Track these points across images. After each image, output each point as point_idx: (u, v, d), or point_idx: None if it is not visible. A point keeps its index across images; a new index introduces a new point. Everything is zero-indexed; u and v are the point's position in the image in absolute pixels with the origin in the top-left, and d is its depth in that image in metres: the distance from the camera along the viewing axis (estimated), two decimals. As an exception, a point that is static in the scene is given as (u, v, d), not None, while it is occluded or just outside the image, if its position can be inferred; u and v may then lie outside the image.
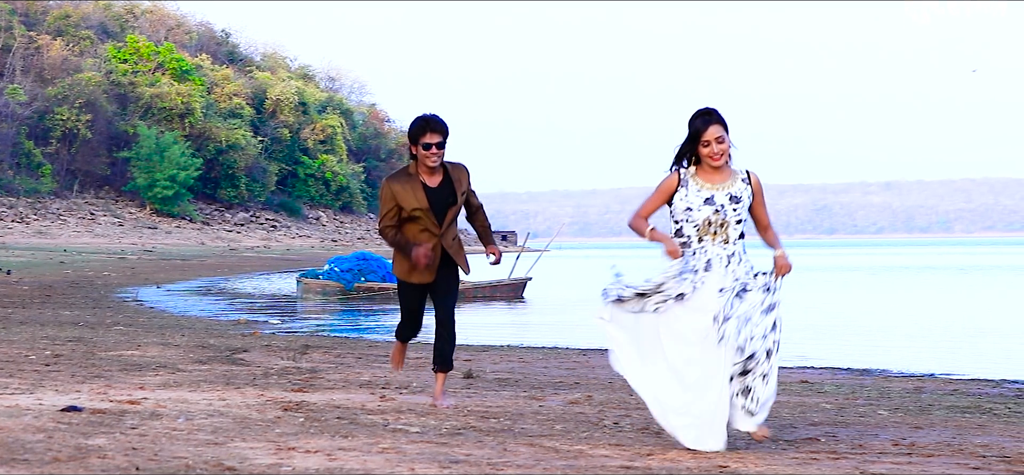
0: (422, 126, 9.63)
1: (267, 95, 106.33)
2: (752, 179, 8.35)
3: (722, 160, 8.20)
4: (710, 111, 8.31)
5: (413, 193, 9.67)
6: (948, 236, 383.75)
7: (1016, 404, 11.97)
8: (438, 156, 9.63)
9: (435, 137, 9.61)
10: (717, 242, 8.17)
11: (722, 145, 8.19)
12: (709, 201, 8.18)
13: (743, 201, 8.24)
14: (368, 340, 19.14)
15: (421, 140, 9.62)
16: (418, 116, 9.69)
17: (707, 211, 8.17)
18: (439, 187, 9.74)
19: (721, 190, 8.21)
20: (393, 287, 33.63)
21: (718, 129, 8.19)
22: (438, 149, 9.61)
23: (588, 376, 13.56)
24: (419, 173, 9.72)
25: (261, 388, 11.03)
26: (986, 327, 25.29)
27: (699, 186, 8.22)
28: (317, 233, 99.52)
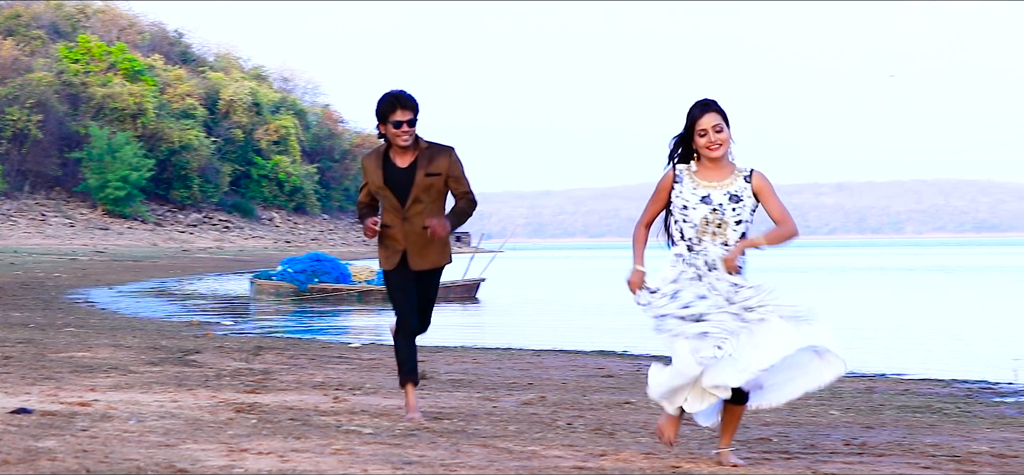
0: (391, 103, 9.12)
1: (220, 95, 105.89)
2: (754, 179, 7.74)
3: (720, 151, 7.66)
4: (708, 101, 7.82)
5: (376, 170, 9.26)
6: (899, 237, 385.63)
7: (966, 404, 12.06)
8: (409, 135, 9.12)
9: (405, 114, 9.10)
10: (717, 243, 7.63)
11: (720, 135, 7.67)
12: (706, 200, 7.67)
13: (745, 202, 7.68)
14: (321, 341, 19.11)
15: (390, 118, 9.11)
16: (386, 93, 9.20)
17: (704, 210, 7.66)
18: (407, 167, 9.21)
19: (719, 188, 7.69)
20: (347, 288, 33.61)
21: (715, 118, 7.69)
22: (409, 127, 9.11)
23: (542, 377, 13.57)
24: (390, 153, 9.26)
25: (213, 389, 10.99)
26: (936, 327, 25.45)
27: (695, 183, 7.71)
28: (270, 234, 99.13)
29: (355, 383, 12.02)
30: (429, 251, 9.30)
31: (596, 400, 11.12)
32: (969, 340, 22.26)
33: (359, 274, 34.87)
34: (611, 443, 8.38)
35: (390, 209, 9.23)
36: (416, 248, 9.26)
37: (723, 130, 7.69)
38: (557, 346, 18.76)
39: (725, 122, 7.73)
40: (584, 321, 27.45)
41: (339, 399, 10.59)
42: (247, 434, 8.22)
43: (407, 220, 9.20)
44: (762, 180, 7.75)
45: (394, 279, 9.40)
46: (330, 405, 10.12)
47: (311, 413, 9.51)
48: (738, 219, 7.67)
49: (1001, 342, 21.15)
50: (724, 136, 7.68)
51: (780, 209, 7.75)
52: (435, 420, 9.31)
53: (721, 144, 7.66)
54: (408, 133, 9.11)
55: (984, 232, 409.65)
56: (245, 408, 9.59)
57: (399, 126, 9.08)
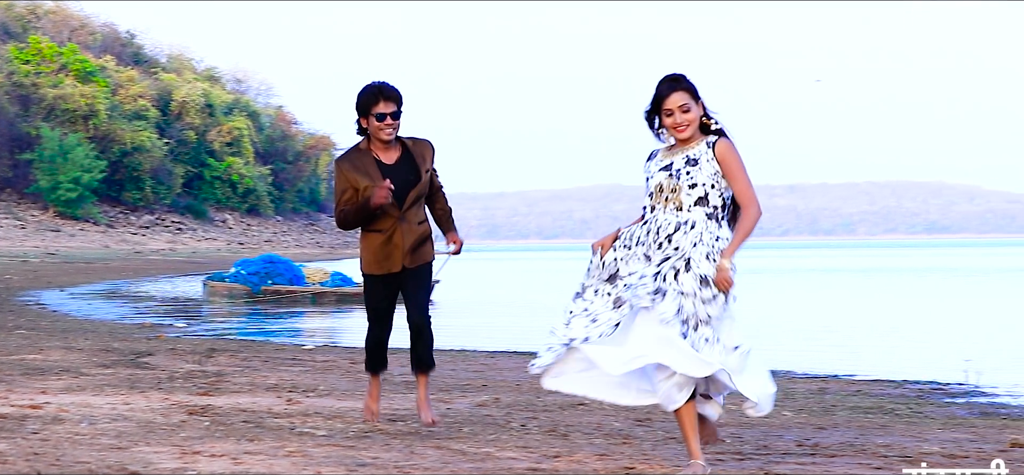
0: (374, 95, 8.61)
1: (173, 97, 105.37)
2: (718, 147, 7.20)
3: (688, 132, 7.19)
4: (677, 77, 7.28)
5: (366, 171, 8.65)
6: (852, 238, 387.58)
7: (917, 405, 12.14)
8: (393, 128, 8.64)
9: (389, 106, 8.60)
10: (669, 209, 7.17)
11: (687, 115, 7.18)
12: (666, 168, 7.23)
13: (702, 166, 7.14)
14: (275, 343, 19.05)
15: (373, 110, 8.61)
16: (367, 84, 8.70)
17: (661, 176, 7.22)
18: (397, 164, 8.72)
19: (680, 155, 7.22)
20: (301, 290, 33.53)
21: (683, 97, 7.18)
22: (393, 119, 8.62)
23: (495, 378, 13.58)
24: (372, 149, 8.72)
25: (166, 392, 10.94)
26: (888, 328, 25.59)
27: (663, 159, 7.29)
28: (223, 236, 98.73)
29: (309, 385, 11.99)
30: (424, 248, 8.84)
31: (550, 401, 11.13)
32: (920, 341, 22.39)
33: (313, 276, 34.78)
34: (565, 444, 8.39)
35: (384, 210, 8.65)
36: (413, 245, 8.80)
37: (690, 109, 7.19)
38: (511, 347, 18.77)
39: (694, 98, 7.23)
40: (538, 322, 27.45)
41: (293, 401, 10.56)
42: (200, 436, 8.19)
43: (405, 220, 8.72)
44: (727, 149, 7.21)
45: (376, 285, 8.86)
46: (283, 407, 10.09)
47: (264, 415, 9.49)
48: (692, 182, 7.14)
49: (952, 343, 21.28)
50: (691, 116, 7.20)
51: (744, 188, 7.19)
52: (390, 422, 9.30)
53: (688, 124, 7.20)
54: (392, 127, 8.64)
55: (936, 233, 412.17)
56: (198, 410, 9.56)
57: (382, 119, 8.61)
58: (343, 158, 8.79)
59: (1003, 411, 11.96)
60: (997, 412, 11.85)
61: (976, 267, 73.23)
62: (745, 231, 7.15)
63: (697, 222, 7.12)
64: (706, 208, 7.14)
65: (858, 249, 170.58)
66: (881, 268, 71.93)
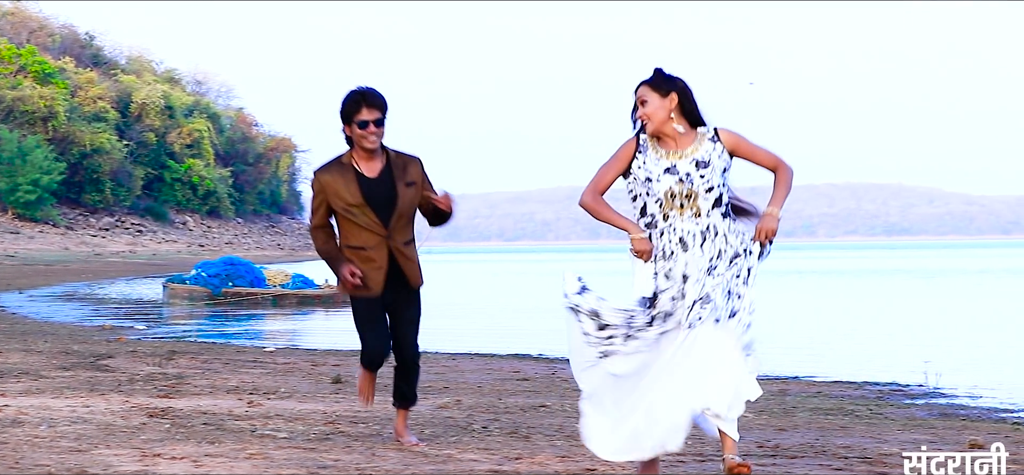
0: (356, 101, 8.04)
1: (132, 98, 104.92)
2: (723, 137, 7.01)
3: (651, 127, 6.91)
4: (653, 71, 7.06)
5: (345, 185, 8.05)
6: (812, 240, 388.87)
7: (878, 406, 12.20)
8: (377, 136, 8.03)
9: (373, 113, 8.01)
10: (686, 217, 6.88)
11: (644, 109, 6.93)
12: (671, 170, 6.89)
13: (713, 165, 6.91)
14: (236, 345, 19.00)
15: (356, 118, 8.01)
16: (351, 90, 8.11)
17: (669, 181, 6.88)
18: (379, 177, 8.10)
19: (684, 157, 6.91)
20: (262, 292, 33.45)
21: (644, 91, 6.95)
22: (377, 127, 8.01)
23: (457, 380, 13.57)
24: (354, 160, 8.10)
25: (126, 394, 10.90)
26: (849, 330, 25.70)
27: (659, 154, 6.94)
28: (184, 238, 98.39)
29: (270, 387, 11.96)
30: (413, 269, 8.29)
31: (511, 403, 11.14)
32: (880, 343, 22.49)
33: (274, 278, 34.72)
34: (526, 446, 8.40)
35: (367, 228, 8.08)
36: (398, 269, 8.21)
37: (647, 101, 6.92)
38: (472, 349, 18.76)
39: (659, 92, 6.94)
40: (499, 324, 27.48)
41: (253, 403, 10.54)
42: (160, 439, 8.16)
43: (390, 238, 8.11)
44: (732, 136, 7.05)
45: (363, 305, 8.20)
46: (244, 409, 10.06)
47: (225, 418, 9.46)
48: (709, 186, 6.90)
49: (912, 344, 21.39)
50: (647, 110, 6.92)
51: (768, 155, 7.09)
52: (351, 424, 9.28)
53: (648, 119, 6.93)
54: (376, 134, 8.02)
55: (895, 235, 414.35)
56: (158, 413, 9.52)
57: (365, 126, 7.99)
58: (322, 169, 8.17)
59: (962, 412, 12.03)
60: (956, 413, 11.92)
61: (935, 269, 73.63)
62: (787, 183, 7.11)
63: (717, 226, 6.92)
64: (721, 208, 6.96)
65: (818, 251, 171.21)
66: (841, 270, 72.25)
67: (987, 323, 28.06)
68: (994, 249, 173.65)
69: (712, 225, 6.90)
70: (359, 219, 8.07)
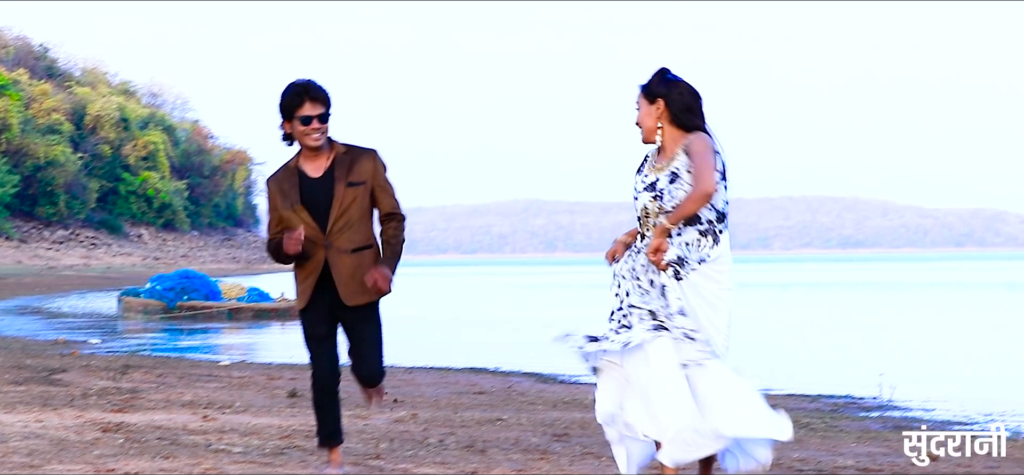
0: (298, 94, 7.33)
1: (87, 111, 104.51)
2: (689, 142, 6.54)
3: (644, 136, 6.63)
4: (651, 76, 6.69)
5: (289, 188, 7.39)
6: (768, 253, 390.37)
7: (832, 418, 12.24)
8: (321, 133, 7.33)
9: (316, 108, 7.32)
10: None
11: (636, 118, 6.68)
12: (650, 187, 6.57)
13: (683, 179, 6.52)
14: (191, 359, 18.92)
15: (297, 113, 7.32)
16: (292, 82, 7.44)
17: (645, 199, 6.57)
18: (322, 177, 7.39)
19: (664, 171, 6.56)
20: (217, 305, 33.32)
21: (638, 98, 6.68)
22: (321, 122, 7.31)
23: (413, 394, 13.55)
24: (300, 159, 7.43)
25: (80, 409, 10.83)
26: (803, 343, 25.80)
27: (650, 167, 6.63)
28: (139, 251, 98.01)
29: (225, 401, 11.91)
30: (347, 282, 7.40)
31: (468, 417, 11.13)
32: (835, 355, 22.59)
33: (229, 291, 34.62)
34: (482, 460, 8.39)
35: (309, 236, 7.35)
36: (346, 277, 7.38)
37: (638, 110, 6.66)
38: (429, 363, 18.74)
39: (649, 99, 6.62)
40: (456, 337, 27.46)
41: (208, 418, 10.49)
42: (114, 454, 8.12)
43: (331, 246, 7.34)
44: (696, 141, 6.54)
45: (309, 320, 7.47)
46: (199, 424, 10.02)
47: (180, 432, 9.41)
48: (675, 203, 6.52)
49: (866, 357, 21.48)
50: (639, 117, 6.65)
51: (698, 169, 6.49)
52: (306, 439, 9.25)
53: (640, 126, 6.66)
54: (319, 131, 7.32)
55: (850, 248, 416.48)
56: (112, 428, 9.47)
57: (308, 122, 7.30)
58: (271, 177, 7.50)
59: (916, 425, 12.08)
60: (911, 425, 11.96)
61: (889, 281, 74.01)
62: (685, 205, 6.44)
63: (689, 244, 6.54)
64: (699, 225, 6.55)
65: (773, 264, 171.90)
66: (796, 283, 72.51)
67: (941, 336, 28.22)
68: (947, 261, 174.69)
69: (684, 244, 6.53)
70: (298, 223, 7.35)
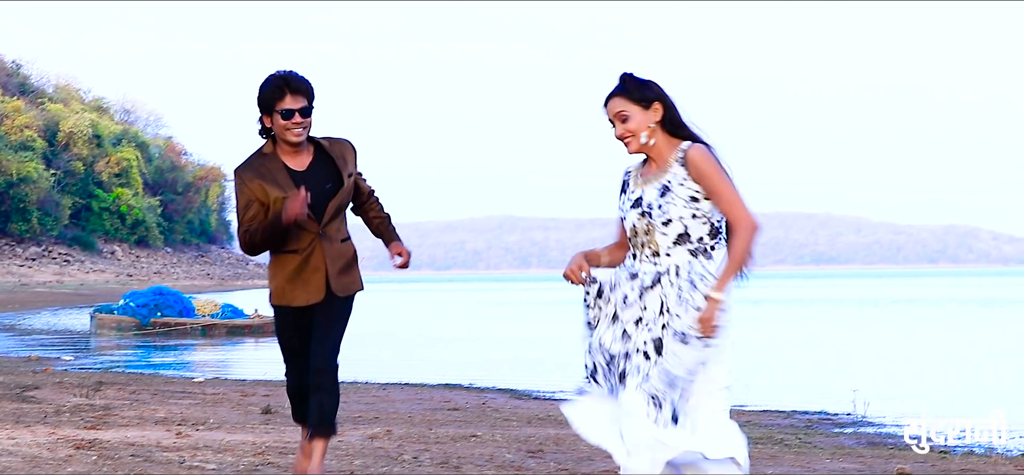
0: (278, 87, 7.00)
1: (60, 127, 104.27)
2: (690, 156, 5.78)
3: (633, 146, 5.84)
4: (622, 78, 5.92)
5: (275, 178, 7.04)
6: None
7: (806, 435, 12.26)
8: (303, 127, 7.02)
9: (298, 101, 6.99)
10: (644, 256, 5.83)
11: (626, 125, 5.83)
12: (636, 203, 5.83)
13: (675, 192, 5.76)
14: (164, 376, 18.87)
15: (278, 106, 6.98)
16: (272, 74, 7.09)
17: (632, 217, 5.83)
18: (310, 169, 7.11)
19: (652, 184, 5.83)
20: (191, 322, 33.24)
21: (619, 103, 5.85)
22: (302, 117, 6.98)
23: (388, 410, 13.54)
24: (278, 153, 7.11)
25: (52, 426, 10.79)
26: (777, 359, 25.84)
27: (636, 184, 5.91)
28: (112, 267, 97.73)
29: (198, 418, 11.88)
30: (352, 271, 7.25)
31: (442, 433, 11.11)
32: (809, 371, 22.64)
33: (203, 308, 34.57)
34: (457, 476, 8.38)
35: (299, 226, 7.03)
36: (338, 270, 7.17)
37: (630, 118, 5.83)
38: (403, 379, 18.72)
39: (640, 104, 5.85)
40: (430, 354, 27.43)
41: (182, 435, 10.46)
42: (87, 472, 8.09)
43: (325, 237, 7.08)
44: (700, 157, 5.78)
45: (289, 319, 7.21)
46: (173, 441, 9.99)
47: (153, 449, 9.39)
48: (666, 218, 5.75)
49: (840, 373, 21.53)
50: (632, 126, 5.83)
51: (730, 203, 5.76)
52: (280, 455, 9.23)
53: (631, 136, 5.85)
54: (302, 125, 7.00)
55: (823, 264, 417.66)
56: (85, 445, 9.44)
57: (290, 116, 6.97)
58: (244, 166, 7.09)
59: (890, 441, 12.11)
60: (884, 442, 11.99)
61: (863, 297, 74.22)
62: (738, 256, 5.76)
63: (680, 267, 5.76)
64: (689, 244, 5.78)
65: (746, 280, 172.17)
66: (769, 299, 72.62)
67: (915, 352, 28.29)
68: (921, 278, 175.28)
69: (674, 267, 5.76)
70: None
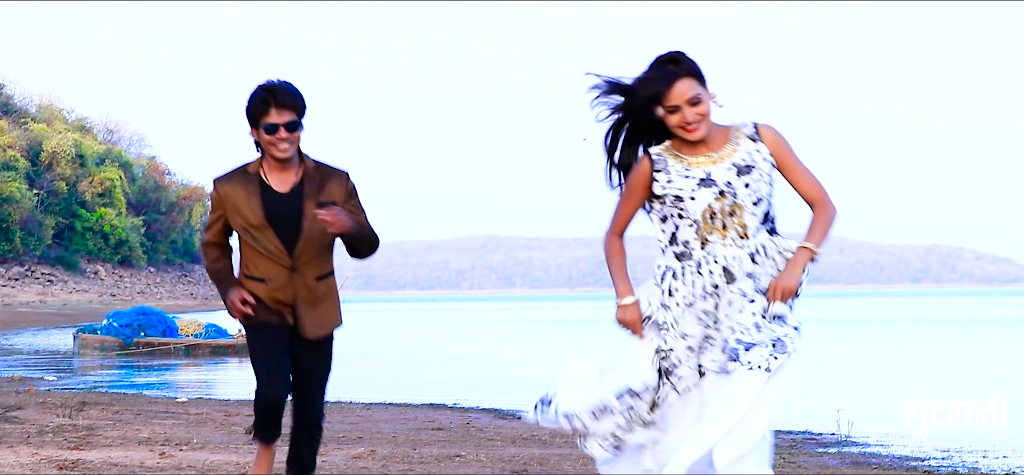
0: (263, 99, 6.57)
1: (43, 147, 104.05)
2: (765, 134, 5.61)
3: (701, 132, 5.54)
4: (675, 58, 5.56)
5: (247, 199, 6.61)
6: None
7: (790, 454, 12.27)
8: (290, 143, 6.59)
9: (284, 115, 6.55)
10: (729, 239, 5.56)
11: (697, 108, 5.52)
12: (706, 182, 5.53)
13: (759, 169, 5.55)
14: (148, 396, 18.83)
15: (263, 120, 6.56)
16: (259, 86, 6.64)
17: (707, 196, 5.52)
18: (290, 193, 6.65)
19: (720, 163, 5.55)
20: (174, 342, 33.18)
21: (689, 85, 5.51)
22: (289, 131, 6.56)
23: (372, 430, 13.51)
24: (263, 171, 6.68)
25: (35, 446, 10.76)
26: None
27: (686, 164, 5.57)
28: (95, 287, 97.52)
29: (182, 438, 11.85)
30: (326, 309, 6.86)
31: (426, 453, 11.10)
32: (793, 391, 22.62)
33: (186, 328, 34.51)
34: (442, 496, 8.37)
35: (268, 255, 6.65)
36: (310, 308, 6.77)
37: (701, 100, 5.54)
38: (387, 399, 18.70)
39: (702, 85, 5.58)
40: (414, 374, 27.42)
41: (165, 455, 10.44)
42: (70, 492, 8.06)
43: (296, 270, 6.66)
44: (774, 135, 5.63)
45: (261, 333, 6.81)
46: (156, 461, 9.97)
47: (137, 469, 9.37)
48: (755, 197, 5.55)
49: (824, 393, 21.54)
50: (703, 109, 5.55)
51: (811, 181, 5.68)
52: (264, 475, 9.21)
53: (701, 120, 5.55)
54: (288, 141, 6.57)
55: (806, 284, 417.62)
56: (68, 465, 9.41)
57: (274, 131, 6.54)
58: (222, 178, 6.74)
59: (874, 461, 12.13)
60: (868, 462, 12.01)
61: (846, 317, 74.30)
62: (826, 226, 5.74)
63: (766, 246, 5.65)
64: (768, 224, 5.69)
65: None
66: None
67: (898, 371, 28.33)
68: (904, 297, 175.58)
69: (761, 247, 5.62)
70: (260, 243, 6.65)
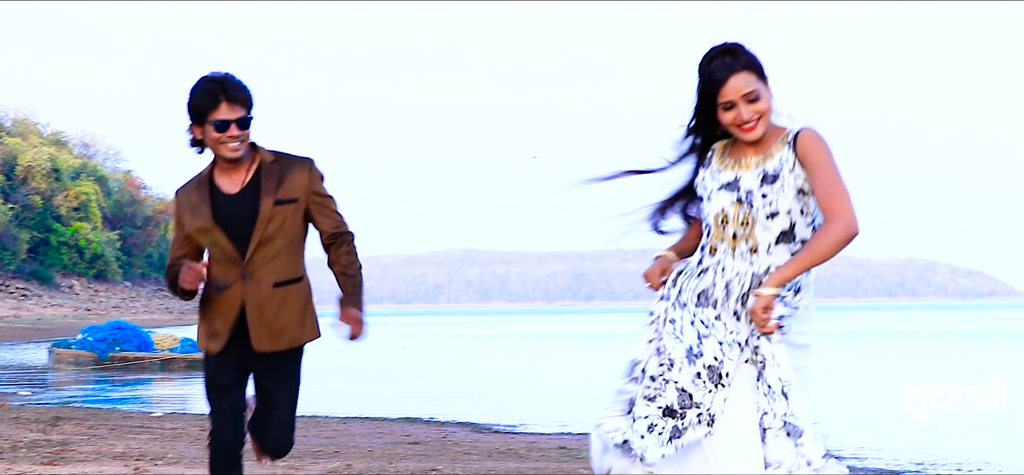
0: (212, 93, 5.88)
1: (18, 161, 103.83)
2: (799, 139, 4.93)
3: (757, 132, 4.98)
4: (732, 49, 5.01)
5: (198, 203, 5.98)
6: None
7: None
8: (239, 142, 5.90)
9: (235, 110, 5.87)
10: (738, 253, 5.00)
11: (755, 105, 4.96)
12: (730, 186, 5.02)
13: (784, 182, 4.93)
14: (122, 411, 18.78)
15: (211, 116, 5.87)
16: (203, 78, 5.96)
17: (723, 200, 5.02)
18: (243, 192, 5.96)
19: (752, 169, 4.99)
20: (149, 356, 33.09)
21: (746, 80, 4.96)
22: (240, 128, 5.88)
23: (347, 444, 13.51)
24: (215, 172, 6.03)
25: (8, 462, 10.73)
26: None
27: (724, 164, 5.08)
28: (70, 302, 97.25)
29: (157, 453, 11.82)
30: (284, 321, 6.04)
31: (402, 467, 11.10)
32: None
33: (161, 342, 34.42)
34: (417, 511, 8.37)
35: (222, 260, 5.98)
36: (261, 318, 5.97)
37: (760, 97, 4.99)
38: (363, 413, 18.68)
39: (762, 80, 5.03)
40: (390, 387, 27.39)
41: (140, 470, 10.41)
42: (44, 507, 8.04)
43: (250, 276, 5.93)
44: (808, 141, 4.93)
45: (215, 367, 6.07)
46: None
47: (111, 484, 9.34)
48: (771, 210, 4.93)
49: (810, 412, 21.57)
50: (761, 106, 4.99)
51: (829, 189, 4.86)
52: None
53: (758, 119, 4.99)
54: (238, 139, 5.91)
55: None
56: (42, 480, 9.38)
57: (224, 127, 5.87)
58: (181, 188, 6.12)
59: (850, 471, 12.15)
60: (843, 473, 12.02)
61: (822, 330, 74.34)
62: (819, 248, 4.87)
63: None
64: (792, 245, 5.00)
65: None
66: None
67: (873, 384, 28.40)
68: (880, 311, 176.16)
69: (773, 267, 4.97)
70: (214, 248, 6.00)
